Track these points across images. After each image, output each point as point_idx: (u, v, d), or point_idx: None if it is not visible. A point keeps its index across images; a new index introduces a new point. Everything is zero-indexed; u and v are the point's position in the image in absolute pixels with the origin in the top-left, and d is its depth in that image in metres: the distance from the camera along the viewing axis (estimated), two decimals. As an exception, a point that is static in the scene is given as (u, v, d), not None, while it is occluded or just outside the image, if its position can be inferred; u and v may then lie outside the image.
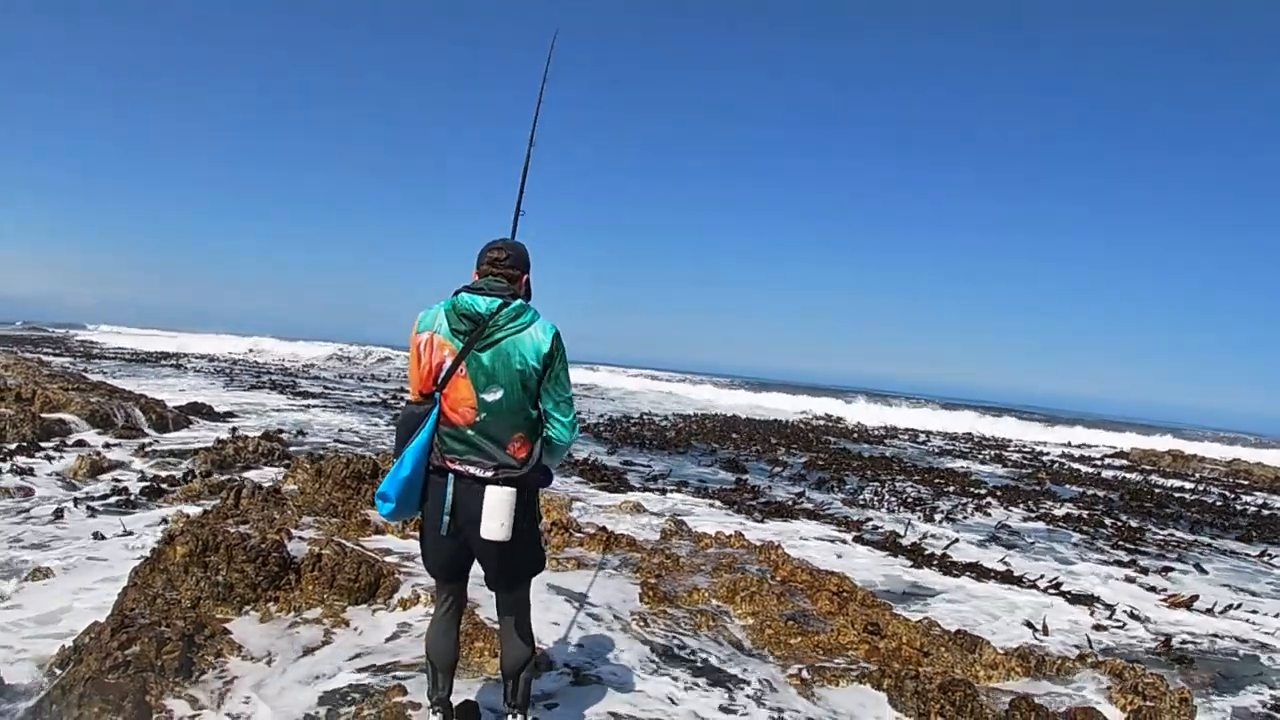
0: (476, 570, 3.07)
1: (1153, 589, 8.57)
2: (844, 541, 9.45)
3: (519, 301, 2.91)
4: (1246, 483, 22.81)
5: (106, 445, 11.29)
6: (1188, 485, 20.73)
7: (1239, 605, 8.01)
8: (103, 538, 6.71)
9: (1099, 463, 25.91)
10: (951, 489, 15.23)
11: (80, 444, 11.16)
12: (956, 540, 10.14)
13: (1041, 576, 8.43)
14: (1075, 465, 23.89)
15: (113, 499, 8.11)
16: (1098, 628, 6.91)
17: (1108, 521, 13.08)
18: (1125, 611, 7.39)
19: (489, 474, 2.83)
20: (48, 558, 6.02)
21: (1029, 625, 6.73)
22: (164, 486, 8.82)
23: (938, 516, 12.12)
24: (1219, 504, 17.15)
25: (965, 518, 12.35)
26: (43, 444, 10.65)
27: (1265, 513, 16.17)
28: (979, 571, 8.43)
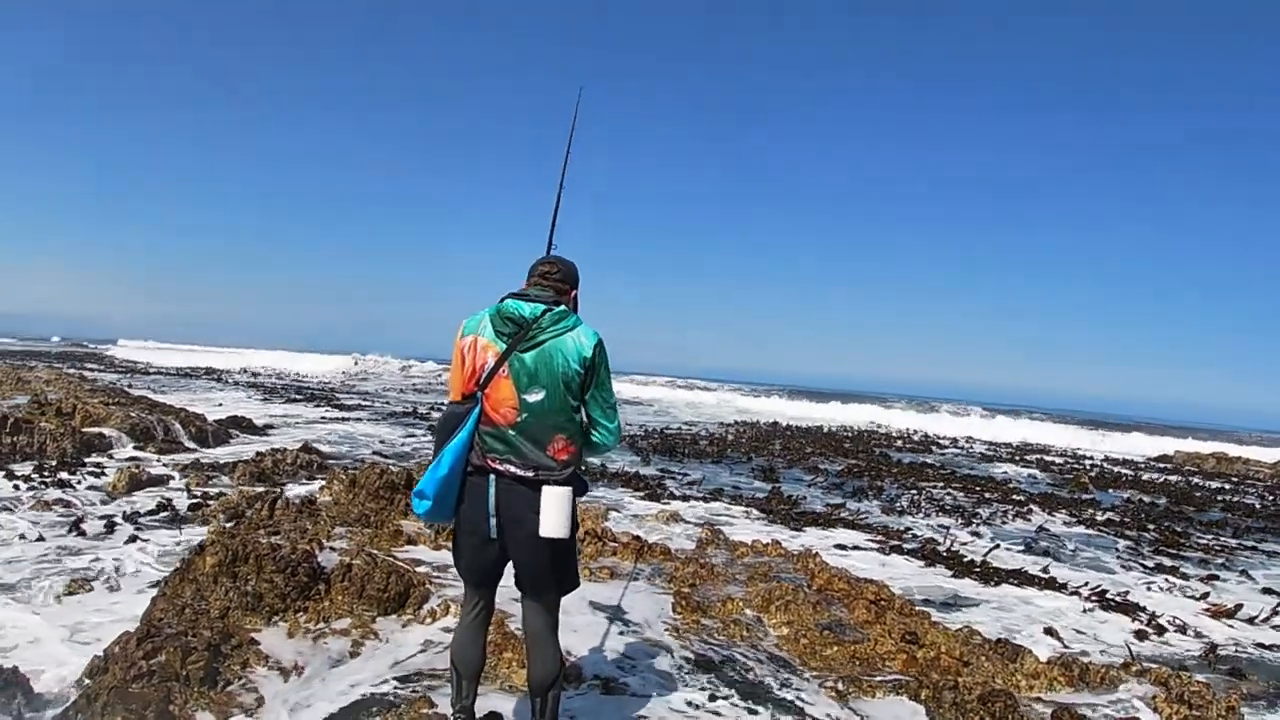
0: (506, 581, 3.03)
1: (1196, 596, 8.29)
2: (882, 550, 9.27)
3: (563, 308, 2.94)
4: (1295, 485, 22.12)
5: (146, 459, 11.44)
6: (1232, 488, 20.18)
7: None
8: (140, 551, 6.75)
9: (1142, 466, 25.37)
10: (992, 496, 14.92)
11: (120, 458, 11.32)
12: (997, 547, 9.90)
13: (1085, 584, 8.19)
14: (1118, 469, 23.37)
15: (151, 512, 8.18)
16: (1139, 635, 6.69)
17: (1150, 526, 12.76)
18: (1168, 620, 7.14)
19: (529, 474, 2.82)
20: (85, 571, 6.06)
21: (1050, 633, 6.52)
22: (203, 500, 8.89)
23: (977, 523, 11.87)
24: (1266, 508, 16.62)
25: (1005, 524, 12.07)
26: (83, 458, 10.81)
27: (1316, 516, 15.64)
28: (1020, 578, 8.21)
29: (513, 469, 2.83)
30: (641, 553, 6.91)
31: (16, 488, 8.83)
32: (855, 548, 9.30)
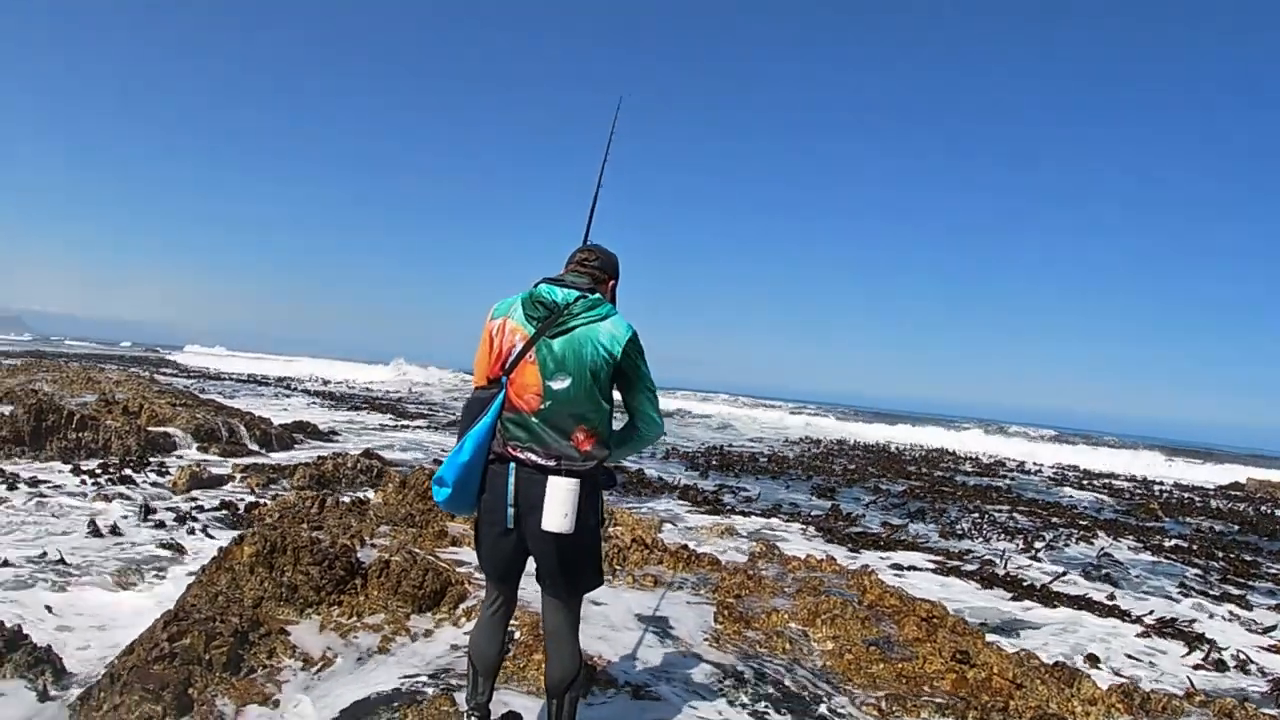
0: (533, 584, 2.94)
1: (1262, 629, 7.79)
2: (940, 571, 8.94)
3: (597, 295, 2.84)
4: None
5: (209, 459, 11.68)
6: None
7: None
8: (194, 545, 6.85)
9: (1212, 493, 24.31)
10: (1059, 520, 14.37)
11: (183, 458, 11.58)
12: (1065, 574, 9.46)
13: (1150, 612, 7.77)
14: (1188, 496, 22.43)
15: (208, 510, 8.32)
16: (1199, 667, 6.30)
17: (1219, 555, 12.13)
18: (1232, 653, 6.71)
19: (550, 463, 2.70)
20: (138, 561, 6.17)
21: (1107, 660, 6.18)
22: (261, 500, 9.01)
23: (1038, 547, 11.41)
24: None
25: (1067, 548, 11.61)
26: (147, 456, 11.07)
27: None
28: (1080, 603, 7.84)
29: (534, 458, 2.72)
30: (689, 562, 6.76)
31: (82, 482, 9.09)
32: (912, 568, 8.99)
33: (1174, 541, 13.14)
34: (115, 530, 7.01)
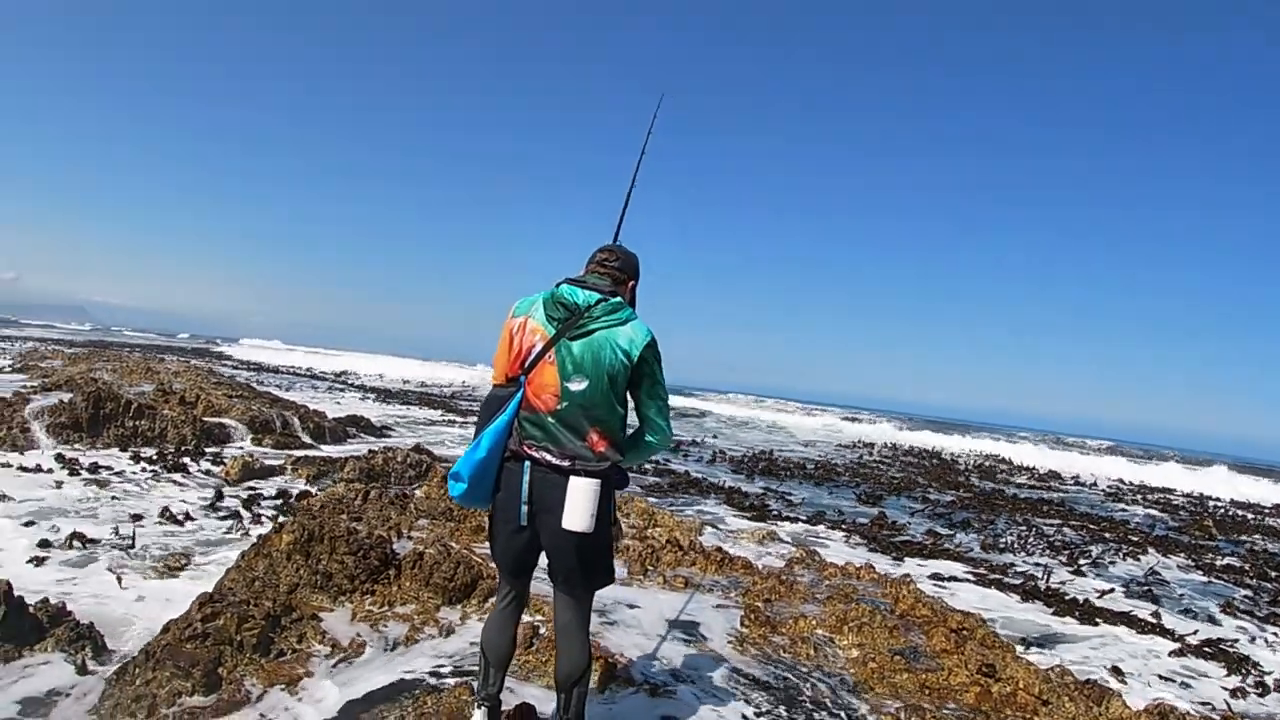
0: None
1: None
2: (981, 582, 8.81)
3: (618, 299, 2.89)
4: None
5: (262, 451, 12.02)
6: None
7: None
8: (242, 534, 7.08)
9: (1268, 511, 23.50)
10: (1111, 536, 14.03)
11: (237, 448, 11.94)
12: (1112, 590, 9.26)
13: (1195, 632, 7.57)
14: (1244, 514, 21.69)
15: (258, 499, 8.58)
16: (1238, 690, 6.12)
17: (1273, 574, 11.74)
18: (1277, 677, 6.51)
19: (565, 463, 2.76)
20: (187, 550, 6.41)
21: (1141, 677, 6.04)
22: (311, 491, 9.25)
23: (1084, 562, 11.17)
24: None
25: (1114, 564, 11.34)
26: (202, 445, 11.45)
27: None
28: (1120, 619, 7.68)
29: (549, 457, 2.78)
30: (722, 565, 6.77)
31: (142, 469, 9.44)
32: (953, 578, 8.89)
33: (1226, 560, 12.80)
34: (182, 517, 7.30)
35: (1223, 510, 22.15)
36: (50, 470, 8.75)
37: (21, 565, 5.59)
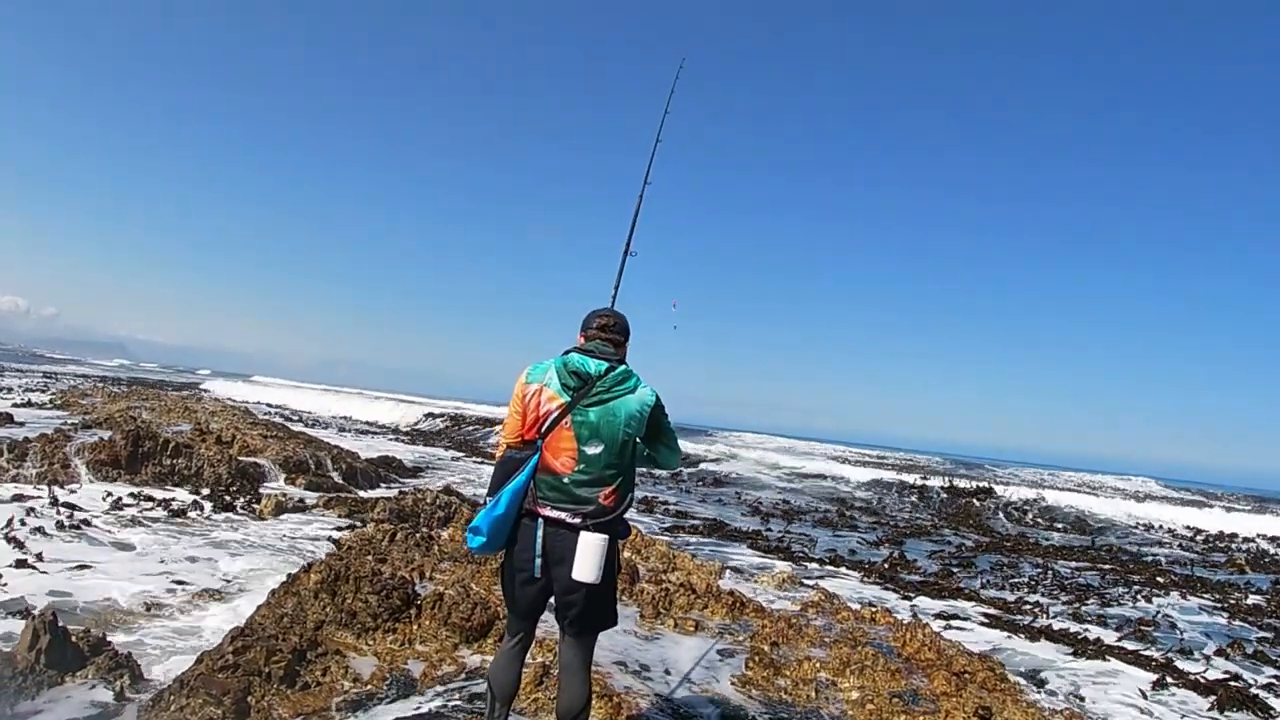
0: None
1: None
2: (993, 624, 8.88)
3: (625, 367, 3.20)
4: None
5: (295, 492, 12.34)
6: None
7: None
8: (273, 573, 7.37)
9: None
10: (1136, 578, 13.89)
11: (271, 488, 12.28)
12: (1126, 636, 9.23)
13: (1227, 675, 7.55)
14: (1276, 551, 21.20)
15: (291, 539, 8.87)
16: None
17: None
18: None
19: (578, 520, 3.02)
20: (220, 586, 6.71)
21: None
22: (341, 532, 9.53)
23: (1100, 603, 11.15)
24: None
25: (1134, 605, 11.26)
26: (236, 485, 11.79)
27: None
28: (1130, 658, 7.76)
29: (564, 515, 3.05)
30: (733, 608, 6.92)
31: (193, 506, 9.77)
32: (966, 619, 8.95)
33: (1253, 600, 12.63)
34: (188, 549, 7.60)
35: (1251, 544, 21.66)
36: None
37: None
